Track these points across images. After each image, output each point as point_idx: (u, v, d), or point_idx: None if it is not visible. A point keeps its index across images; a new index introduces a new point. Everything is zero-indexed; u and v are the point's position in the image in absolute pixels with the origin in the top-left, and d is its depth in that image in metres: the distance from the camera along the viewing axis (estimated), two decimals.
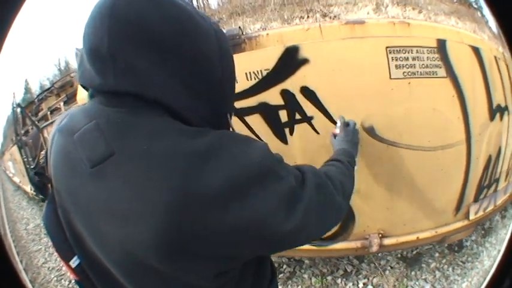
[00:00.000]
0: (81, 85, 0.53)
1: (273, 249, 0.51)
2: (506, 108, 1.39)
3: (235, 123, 1.34)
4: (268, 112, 1.31)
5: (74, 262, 0.49)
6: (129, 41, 0.45)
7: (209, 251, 0.42)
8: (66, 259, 0.50)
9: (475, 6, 1.92)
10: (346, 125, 1.00)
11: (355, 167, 0.80)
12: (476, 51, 1.34)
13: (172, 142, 0.43)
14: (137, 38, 0.45)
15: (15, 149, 2.59)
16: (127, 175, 0.42)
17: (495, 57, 1.40)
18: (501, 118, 1.39)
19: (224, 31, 0.53)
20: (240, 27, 1.40)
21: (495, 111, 1.37)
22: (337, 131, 0.98)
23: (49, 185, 0.54)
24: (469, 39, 1.37)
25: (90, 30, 0.47)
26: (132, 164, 0.42)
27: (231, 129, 0.54)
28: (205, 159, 0.42)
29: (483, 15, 1.76)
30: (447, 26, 1.60)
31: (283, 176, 0.47)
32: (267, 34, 1.28)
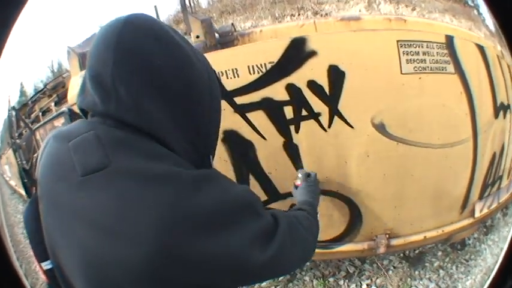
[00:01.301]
0: (81, 109, 0.54)
1: (246, 281, 0.51)
2: (508, 106, 1.39)
3: (238, 121, 1.25)
4: (272, 108, 1.23)
5: (46, 265, 0.49)
6: (131, 73, 0.46)
7: (190, 280, 0.41)
8: (39, 260, 0.50)
9: (471, 4, 1.93)
10: (307, 175, 1.02)
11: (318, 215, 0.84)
12: (481, 49, 1.33)
13: (169, 166, 0.45)
14: (139, 70, 0.46)
15: (10, 152, 2.50)
16: (120, 190, 0.42)
17: (498, 56, 1.40)
18: (504, 116, 1.39)
19: (217, 28, 0.52)
20: (232, 23, 1.32)
21: (499, 109, 1.37)
22: (299, 182, 1.01)
23: (34, 188, 0.54)
24: (474, 38, 1.36)
25: (94, 57, 0.48)
26: (127, 180, 0.42)
27: None
28: (198, 185, 0.44)
29: (480, 13, 1.77)
30: (443, 24, 1.60)
31: (262, 213, 0.50)
32: (260, 31, 1.22)
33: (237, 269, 0.45)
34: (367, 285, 1.58)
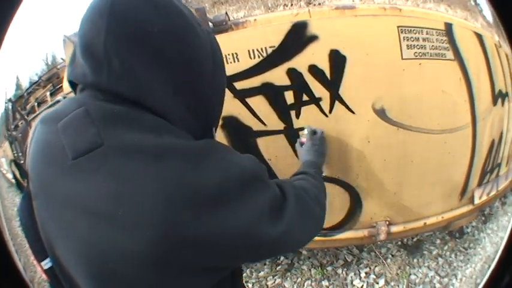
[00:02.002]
0: (70, 82, 0.50)
1: (256, 257, 0.50)
2: (507, 94, 1.41)
3: (237, 106, 1.24)
4: (272, 93, 1.22)
5: (46, 264, 0.46)
6: (125, 41, 0.43)
7: (199, 261, 0.39)
8: (38, 259, 0.47)
9: None
10: (313, 133, 0.99)
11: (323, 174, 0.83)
12: (479, 37, 1.35)
13: (169, 139, 0.41)
14: (134, 38, 0.43)
15: (7, 145, 2.47)
16: (115, 170, 0.38)
17: (495, 44, 1.41)
18: (502, 104, 1.40)
19: (211, 17, 0.50)
20: (226, 12, 1.32)
21: (497, 97, 1.38)
22: (304, 139, 0.96)
23: (25, 180, 0.49)
24: (470, 27, 1.37)
25: (87, 26, 0.45)
26: (123, 158, 0.39)
27: None
28: (202, 158, 0.41)
29: (477, 4, 1.78)
30: (438, 13, 1.60)
31: (270, 184, 0.48)
32: (255, 20, 1.20)
33: (247, 246, 0.42)
34: (366, 273, 1.58)
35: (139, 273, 0.37)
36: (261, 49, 1.18)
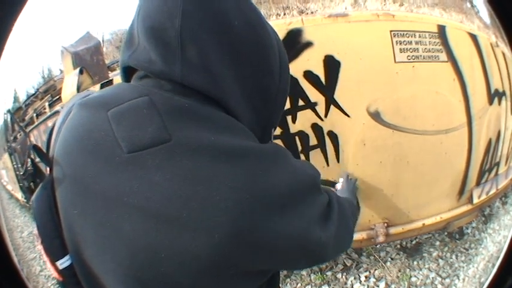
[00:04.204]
0: (124, 69, 0.44)
1: (303, 262, 0.46)
2: (503, 93, 1.41)
3: None
4: None
5: (63, 263, 0.40)
6: (205, 29, 0.38)
7: (261, 266, 0.38)
8: (54, 257, 0.41)
9: None
10: (348, 179, 1.04)
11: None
12: (473, 37, 1.36)
13: (241, 141, 0.38)
14: (214, 28, 0.39)
15: (7, 156, 2.50)
16: (183, 170, 0.34)
17: (491, 44, 1.42)
18: (499, 102, 1.41)
19: None
20: None
21: (493, 96, 1.38)
22: (339, 186, 1.02)
23: (47, 169, 0.43)
24: (465, 28, 1.39)
25: (152, 4, 0.40)
26: (193, 157, 0.35)
27: None
28: (273, 162, 0.39)
29: (473, 6, 1.79)
30: (432, 17, 1.62)
31: (322, 190, 0.46)
32: None
33: (300, 251, 0.41)
34: (366, 277, 1.58)
35: (194, 277, 0.35)
36: None
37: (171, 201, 0.34)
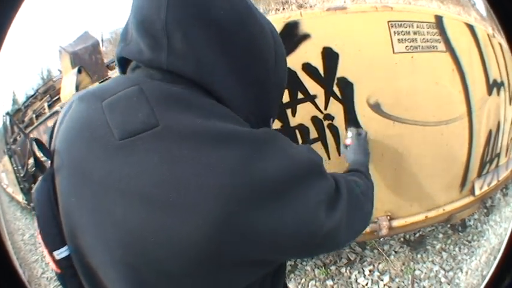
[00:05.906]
0: (120, 60, 0.46)
1: (307, 251, 0.46)
2: (502, 83, 1.41)
3: None
4: None
5: (60, 254, 0.41)
6: (189, 17, 0.40)
7: (254, 254, 0.37)
8: (52, 248, 0.41)
9: None
10: (358, 134, 0.99)
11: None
12: (470, 28, 1.36)
13: (232, 126, 0.38)
14: (198, 16, 0.40)
15: (6, 159, 2.49)
16: (172, 154, 0.35)
17: (488, 34, 1.42)
18: (498, 93, 1.40)
19: None
20: None
21: (492, 86, 1.38)
22: (349, 141, 0.97)
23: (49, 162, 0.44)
24: (462, 18, 1.39)
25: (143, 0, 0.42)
26: (181, 141, 0.35)
27: None
28: (266, 147, 0.38)
29: None
30: (430, 9, 1.62)
31: (326, 175, 0.45)
32: None
33: (301, 238, 0.40)
34: (370, 271, 1.56)
35: (184, 265, 0.34)
36: None
37: (160, 185, 0.34)
